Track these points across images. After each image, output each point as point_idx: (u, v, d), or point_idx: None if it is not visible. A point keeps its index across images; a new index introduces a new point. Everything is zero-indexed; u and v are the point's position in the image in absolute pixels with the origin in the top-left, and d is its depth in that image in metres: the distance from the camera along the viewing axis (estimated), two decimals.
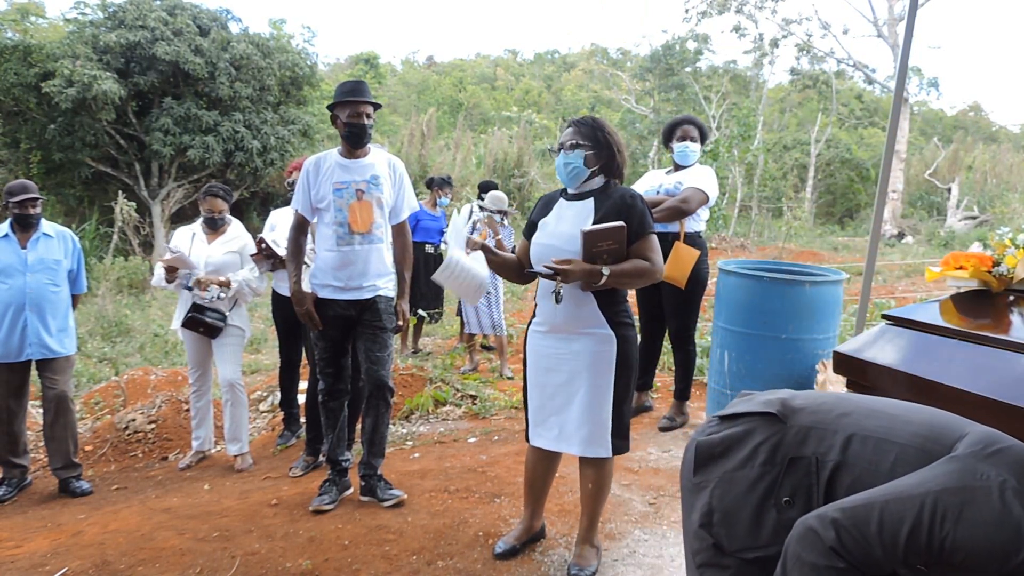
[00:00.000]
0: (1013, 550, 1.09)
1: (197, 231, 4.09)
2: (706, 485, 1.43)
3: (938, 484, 1.17)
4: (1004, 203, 18.70)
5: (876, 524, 1.17)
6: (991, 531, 1.10)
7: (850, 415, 1.40)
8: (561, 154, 2.49)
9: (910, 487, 1.20)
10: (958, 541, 1.12)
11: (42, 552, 2.84)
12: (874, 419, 1.37)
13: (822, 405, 1.45)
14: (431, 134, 19.57)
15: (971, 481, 1.16)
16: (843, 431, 1.37)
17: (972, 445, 1.23)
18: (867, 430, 1.35)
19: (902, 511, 1.16)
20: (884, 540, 1.16)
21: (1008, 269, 1.90)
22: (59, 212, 14.05)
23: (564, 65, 42.95)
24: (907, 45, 2.45)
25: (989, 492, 1.14)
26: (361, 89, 3.15)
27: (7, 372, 3.74)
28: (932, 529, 1.13)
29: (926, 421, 1.35)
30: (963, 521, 1.12)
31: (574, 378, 2.43)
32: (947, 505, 1.14)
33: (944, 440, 1.28)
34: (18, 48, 12.83)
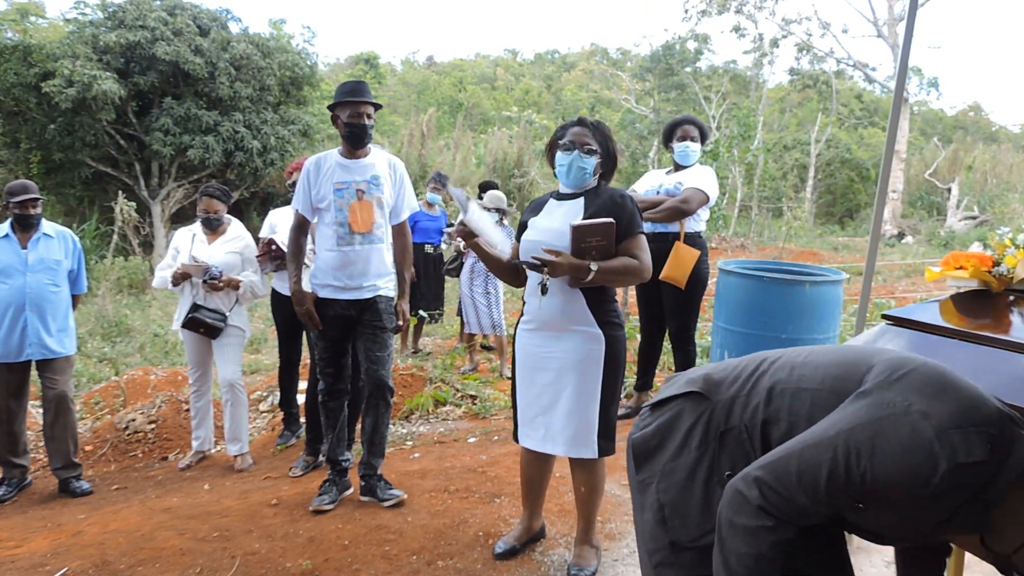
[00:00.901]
0: (930, 471, 1.08)
1: (197, 232, 4.08)
2: (650, 481, 1.42)
3: (848, 423, 1.17)
4: (1004, 203, 18.70)
5: (796, 475, 1.16)
6: (905, 458, 1.09)
7: (767, 372, 1.39)
8: (575, 154, 2.43)
9: (823, 431, 1.19)
10: (876, 474, 1.11)
11: (42, 552, 2.84)
12: (788, 370, 1.37)
13: (741, 371, 1.44)
14: (431, 134, 19.57)
15: (879, 412, 1.15)
16: (762, 390, 1.36)
17: (878, 376, 1.22)
18: (783, 383, 1.35)
19: (818, 457, 1.16)
20: (806, 489, 1.16)
21: (1008, 269, 1.90)
22: (59, 212, 14.05)
23: (564, 65, 42.96)
24: (907, 45, 2.45)
25: (897, 420, 1.13)
26: (362, 89, 3.15)
27: (7, 372, 3.74)
28: (849, 468, 1.13)
29: (835, 361, 1.34)
30: (877, 454, 1.11)
31: (561, 377, 2.42)
32: (859, 441, 1.13)
33: (853, 377, 1.27)
34: (18, 48, 12.84)
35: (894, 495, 1.12)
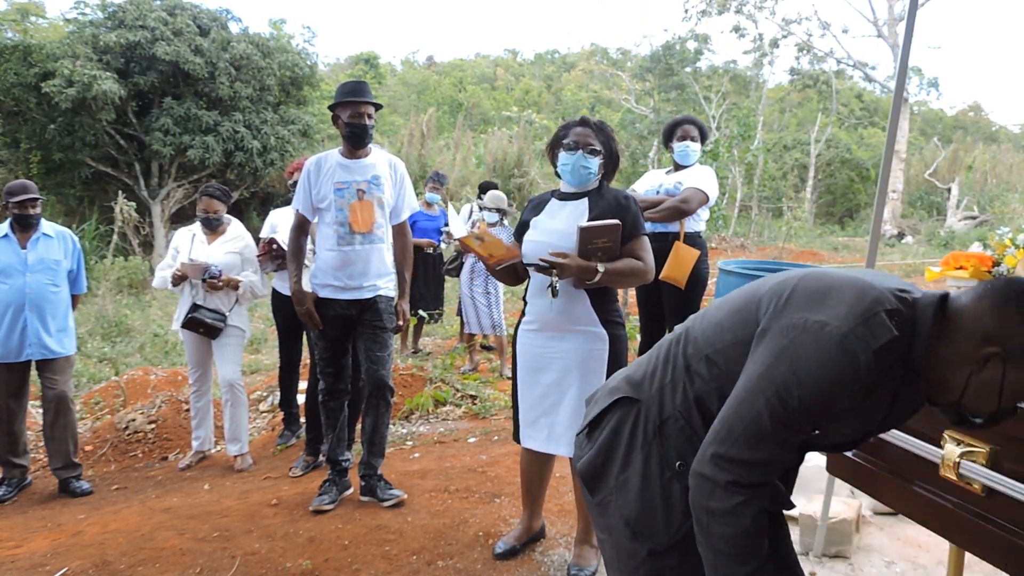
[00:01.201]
0: (854, 369, 1.11)
1: (197, 232, 4.08)
2: (608, 500, 1.39)
3: (764, 364, 1.18)
4: (1004, 203, 18.70)
5: (743, 435, 1.17)
6: (827, 369, 1.12)
7: (679, 352, 1.39)
8: (579, 155, 2.44)
9: (747, 383, 1.20)
10: (811, 397, 1.13)
11: (42, 552, 2.84)
12: (695, 341, 1.37)
13: (656, 361, 1.43)
14: (431, 134, 19.57)
15: (783, 342, 1.17)
16: (681, 370, 1.36)
17: (767, 310, 1.24)
18: (696, 354, 1.35)
19: (753, 408, 1.17)
20: (759, 443, 1.17)
21: (1008, 269, 1.90)
22: (59, 212, 14.05)
23: (564, 65, 42.96)
24: (907, 45, 2.45)
25: (802, 340, 1.15)
26: (362, 89, 3.15)
27: (7, 372, 3.74)
28: (786, 405, 1.15)
29: (730, 311, 1.34)
30: (802, 379, 1.13)
31: (565, 377, 2.43)
32: (781, 377, 1.15)
33: (750, 320, 1.27)
34: (18, 48, 12.84)
35: (838, 405, 1.15)
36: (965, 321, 1.15)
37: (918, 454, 1.63)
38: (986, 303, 1.15)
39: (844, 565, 2.63)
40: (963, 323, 1.15)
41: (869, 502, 2.94)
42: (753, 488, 1.18)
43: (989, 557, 1.49)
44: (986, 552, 1.49)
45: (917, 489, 1.65)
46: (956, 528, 1.57)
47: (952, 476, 1.52)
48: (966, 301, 1.17)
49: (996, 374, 1.12)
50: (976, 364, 1.13)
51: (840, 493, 2.82)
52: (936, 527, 1.65)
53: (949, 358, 1.16)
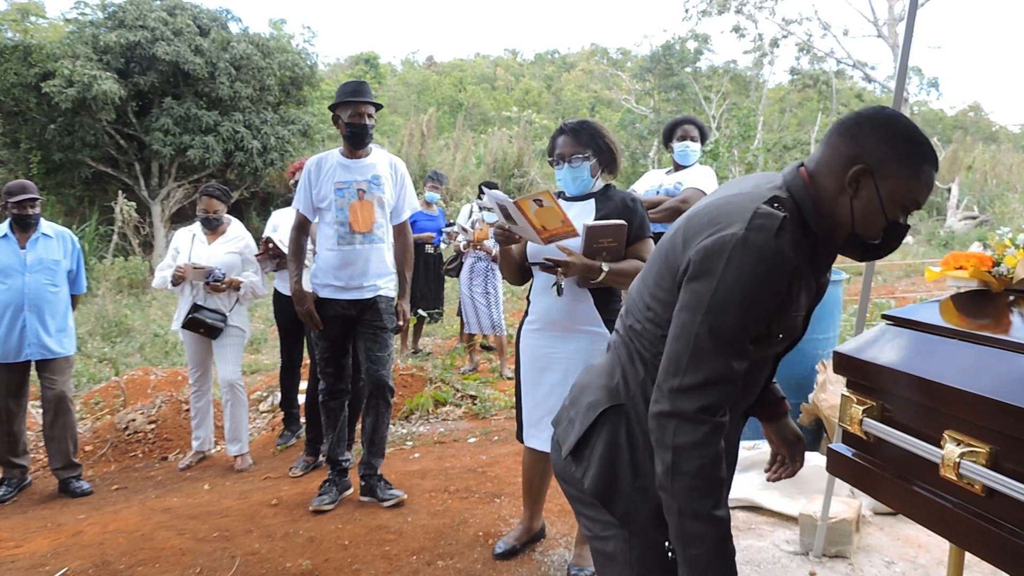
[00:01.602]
0: (764, 264, 1.17)
1: (197, 232, 4.08)
2: (634, 508, 1.35)
3: (686, 300, 1.22)
4: (1004, 203, 18.69)
5: (691, 362, 1.19)
6: (740, 273, 1.16)
7: (631, 339, 1.39)
8: (567, 168, 2.44)
9: (678, 320, 1.22)
10: (739, 306, 1.17)
11: (42, 552, 2.84)
12: (634, 319, 1.38)
13: (619, 359, 1.42)
14: (431, 134, 19.56)
15: (695, 273, 1.21)
16: (635, 354, 1.37)
17: (688, 251, 1.25)
18: (640, 332, 1.36)
19: (692, 335, 1.19)
20: (708, 360, 1.18)
21: (1008, 269, 1.89)
22: (59, 212, 14.04)
23: (564, 65, 42.95)
24: (907, 45, 2.45)
25: (709, 263, 1.19)
26: (363, 90, 3.15)
27: (6, 372, 3.74)
28: (721, 321, 1.18)
29: (658, 270, 1.34)
30: (725, 292, 1.17)
31: (568, 377, 2.42)
32: (706, 299, 1.18)
33: (674, 269, 1.28)
34: (18, 48, 12.83)
35: (770, 299, 1.19)
36: (827, 162, 1.25)
37: (918, 454, 1.62)
38: (836, 138, 1.25)
39: (844, 565, 2.63)
40: (826, 165, 1.25)
41: (869, 502, 2.94)
42: (716, 412, 1.19)
43: (989, 557, 1.48)
44: (986, 552, 1.49)
45: (917, 489, 1.65)
46: (956, 528, 1.57)
47: (952, 476, 1.52)
48: (820, 149, 1.27)
49: (870, 190, 1.20)
50: (851, 189, 1.22)
51: (840, 493, 2.82)
52: (936, 527, 1.64)
53: (828, 197, 1.24)
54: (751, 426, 3.92)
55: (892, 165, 1.20)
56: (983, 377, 1.53)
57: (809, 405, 3.62)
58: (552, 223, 2.28)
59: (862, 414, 1.79)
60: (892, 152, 1.20)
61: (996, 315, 1.85)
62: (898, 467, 1.73)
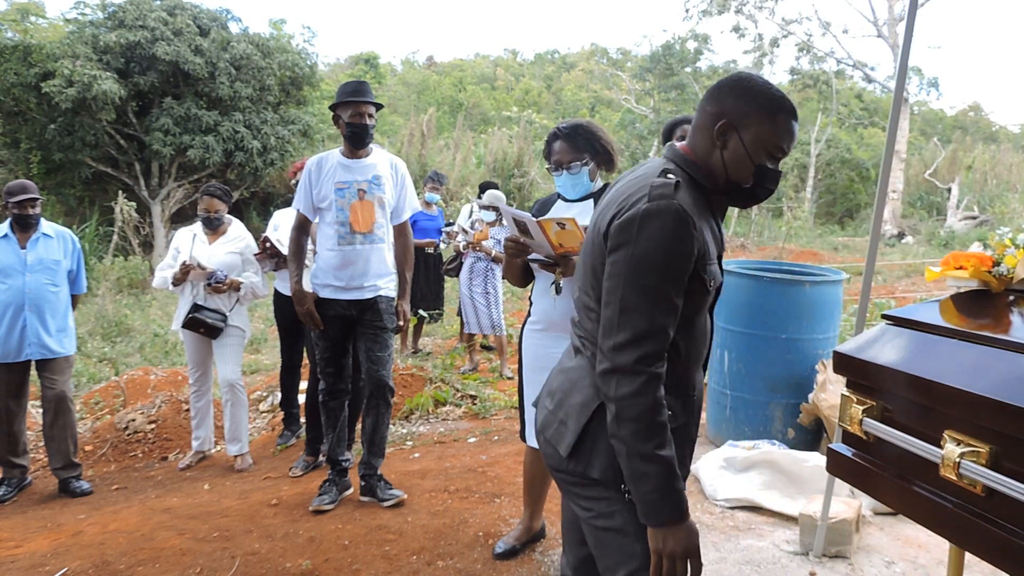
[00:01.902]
0: (673, 225, 1.31)
1: (198, 232, 4.08)
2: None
3: (610, 272, 1.36)
4: (1004, 203, 18.68)
5: (624, 321, 1.32)
6: (654, 239, 1.31)
7: (580, 333, 1.54)
8: (565, 175, 2.45)
9: (607, 288, 1.36)
10: (660, 269, 1.32)
11: (42, 552, 2.84)
12: (589, 325, 1.49)
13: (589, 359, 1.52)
14: (431, 134, 19.55)
15: (614, 246, 1.36)
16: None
17: (617, 218, 1.38)
18: (580, 323, 1.53)
19: (622, 298, 1.33)
20: (640, 317, 1.32)
21: (1008, 269, 1.89)
22: (59, 212, 14.04)
23: (564, 65, 42.93)
24: (907, 45, 2.45)
25: (625, 236, 1.34)
26: (363, 90, 3.15)
27: (7, 372, 3.74)
28: (645, 281, 1.32)
29: (585, 278, 1.49)
30: (644, 258, 1.32)
31: None
32: (629, 267, 1.33)
33: (599, 266, 1.42)
34: (18, 48, 12.83)
35: (688, 256, 1.34)
36: (699, 126, 1.44)
37: (918, 454, 1.62)
38: (703, 104, 1.45)
39: (844, 565, 2.63)
40: (698, 129, 1.44)
41: (869, 502, 2.94)
42: (652, 363, 1.32)
43: (989, 557, 1.49)
44: (986, 552, 1.49)
45: (917, 489, 1.65)
46: (956, 528, 1.57)
47: (952, 476, 1.52)
48: (693, 119, 1.47)
49: (735, 140, 1.39)
50: (720, 141, 1.41)
51: (840, 493, 2.82)
52: (936, 527, 1.64)
53: (704, 154, 1.43)
54: (751, 426, 3.93)
55: (750, 116, 1.39)
56: (983, 377, 1.53)
57: (809, 405, 3.62)
58: (569, 242, 2.29)
59: (862, 414, 1.79)
60: (748, 105, 1.39)
61: (996, 315, 1.85)
62: (898, 467, 1.73)
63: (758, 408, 3.76)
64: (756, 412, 3.76)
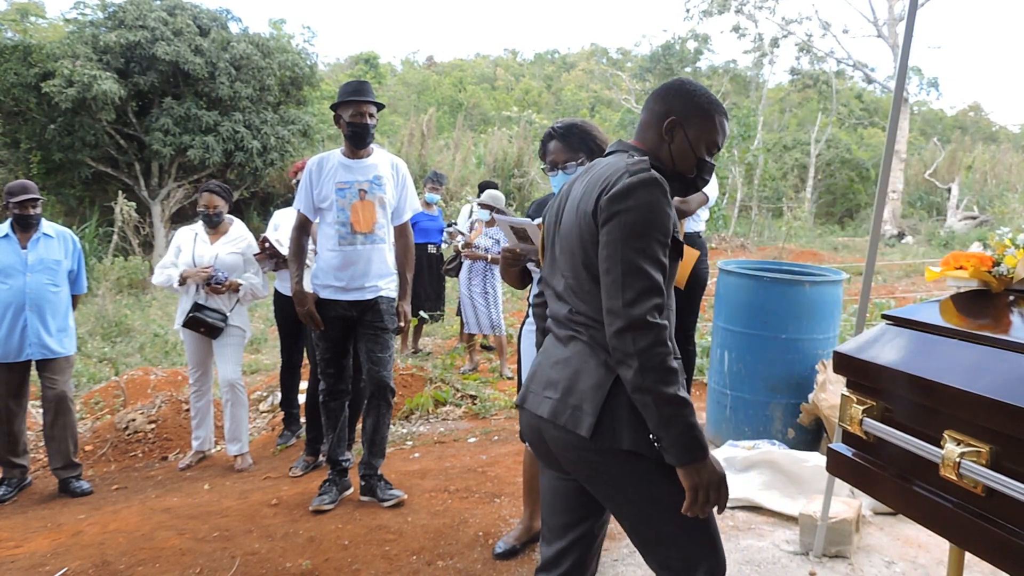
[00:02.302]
0: (658, 192, 1.46)
1: (199, 231, 4.08)
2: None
3: (605, 243, 1.47)
4: (1004, 203, 18.68)
5: (629, 282, 1.43)
6: (642, 206, 1.45)
7: (580, 319, 1.60)
8: (560, 175, 2.45)
9: (606, 257, 1.46)
10: (651, 229, 1.45)
11: (42, 552, 2.84)
12: (582, 308, 1.58)
13: (588, 348, 1.59)
14: (431, 134, 19.55)
15: (605, 219, 1.48)
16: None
17: (605, 194, 1.49)
18: (595, 311, 1.55)
19: (622, 264, 1.44)
20: (644, 275, 1.43)
21: (1008, 269, 1.89)
22: (59, 212, 14.04)
23: (564, 65, 42.94)
24: (907, 45, 2.45)
25: (616, 207, 1.46)
26: (364, 89, 3.15)
27: (7, 372, 3.74)
28: (643, 244, 1.44)
29: (575, 267, 1.58)
30: (637, 223, 1.45)
31: None
32: (622, 235, 1.45)
33: (591, 250, 1.53)
34: (18, 48, 12.83)
35: (669, 217, 1.48)
36: (647, 123, 1.62)
37: (918, 454, 1.63)
38: (651, 104, 1.62)
39: (844, 565, 2.63)
40: (647, 125, 1.62)
41: (869, 502, 2.94)
42: (659, 314, 1.43)
43: (989, 557, 1.49)
44: (986, 552, 1.49)
45: (917, 489, 1.65)
46: (956, 528, 1.57)
47: (952, 476, 1.52)
48: (640, 118, 1.64)
49: (681, 135, 1.58)
50: (668, 136, 1.59)
51: (840, 493, 2.82)
52: (936, 527, 1.64)
53: (654, 148, 1.61)
54: (751, 426, 3.93)
55: (693, 115, 1.58)
56: (983, 377, 1.53)
57: (809, 405, 3.62)
58: None
59: (862, 414, 1.79)
60: (692, 106, 1.58)
61: (996, 315, 1.85)
62: (898, 467, 1.73)
63: (758, 408, 3.76)
64: (756, 412, 3.77)
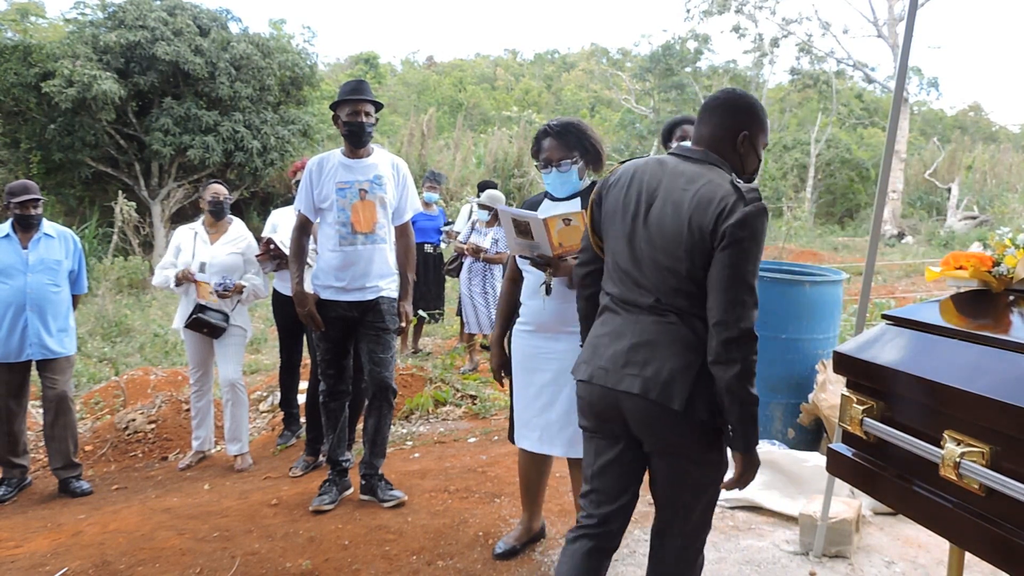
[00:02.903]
0: (766, 215, 1.70)
1: (199, 230, 4.08)
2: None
3: (725, 267, 1.68)
4: (1004, 203, 18.68)
5: (742, 300, 1.67)
6: (762, 233, 1.69)
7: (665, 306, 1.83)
8: (555, 173, 2.45)
9: (728, 273, 1.67)
10: (759, 257, 1.71)
11: (42, 552, 2.84)
12: (660, 287, 1.80)
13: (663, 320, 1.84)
14: (431, 134, 19.56)
15: (742, 235, 1.67)
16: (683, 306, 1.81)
17: (718, 228, 1.69)
18: (677, 291, 1.79)
19: (740, 290, 1.67)
20: (752, 296, 1.68)
21: (1008, 269, 1.89)
22: (59, 212, 14.04)
23: (564, 65, 42.92)
24: (907, 45, 2.45)
25: (744, 224, 1.66)
26: (362, 88, 3.15)
27: (7, 372, 3.74)
28: (754, 266, 1.70)
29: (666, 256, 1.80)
30: (756, 253, 1.70)
31: (559, 377, 2.44)
32: (746, 255, 1.67)
33: (696, 247, 1.74)
34: (18, 48, 12.83)
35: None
36: (719, 136, 1.84)
37: (918, 454, 1.63)
38: (719, 119, 1.85)
39: (844, 565, 2.63)
40: (719, 138, 1.84)
41: (869, 502, 2.94)
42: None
43: (989, 557, 1.49)
44: (986, 552, 1.49)
45: (917, 489, 1.65)
46: (956, 528, 1.57)
47: (952, 476, 1.52)
48: (706, 129, 1.86)
49: (749, 146, 1.85)
50: (742, 147, 1.84)
51: (840, 493, 2.82)
52: (936, 527, 1.65)
53: (729, 156, 1.84)
54: None
55: (759, 128, 1.86)
56: (983, 377, 1.53)
57: (809, 405, 3.62)
58: (569, 241, 2.28)
59: (862, 414, 1.80)
60: (759, 121, 1.86)
61: (996, 315, 1.85)
62: (898, 467, 1.73)
63: (758, 408, 3.76)
64: None
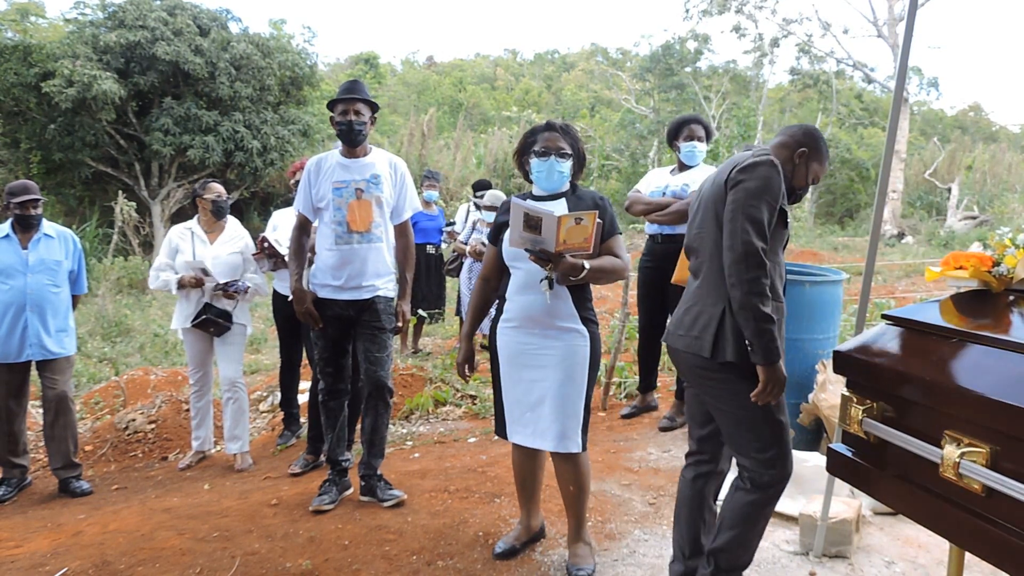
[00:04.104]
0: (777, 172, 2.01)
1: (196, 230, 4.06)
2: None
3: (731, 205, 2.02)
4: (1004, 203, 18.68)
5: (743, 226, 1.95)
6: (761, 177, 1.99)
7: (708, 270, 2.18)
8: (552, 160, 2.48)
9: (731, 208, 2.01)
10: (766, 194, 1.98)
11: (42, 552, 2.84)
12: (709, 251, 2.13)
13: (707, 286, 2.17)
14: (431, 134, 19.57)
15: (742, 178, 2.02)
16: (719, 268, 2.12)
17: (735, 169, 2.04)
18: (712, 251, 2.13)
19: (742, 219, 1.98)
20: (754, 225, 1.96)
21: (1008, 269, 1.89)
22: (59, 212, 14.05)
23: (564, 65, 42.93)
24: (907, 45, 2.45)
25: (743, 176, 2.01)
26: (354, 88, 3.15)
27: (7, 372, 3.74)
28: (758, 207, 1.97)
29: (710, 227, 2.13)
30: (756, 191, 1.99)
31: (549, 373, 2.44)
32: (744, 199, 1.98)
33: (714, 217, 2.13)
34: (18, 48, 12.84)
35: (776, 201, 2.01)
36: (783, 145, 2.17)
37: (918, 454, 1.63)
38: (792, 133, 2.19)
39: (844, 565, 2.63)
40: (783, 146, 2.17)
41: (869, 502, 2.94)
42: (763, 254, 1.94)
43: (989, 557, 1.49)
44: (986, 552, 1.49)
45: (917, 489, 1.65)
46: (956, 528, 1.57)
47: (952, 476, 1.52)
48: (777, 141, 2.19)
49: (803, 163, 2.17)
50: (798, 160, 2.16)
51: (840, 493, 2.82)
52: (936, 527, 1.65)
53: (784, 160, 2.12)
54: None
55: (817, 155, 2.17)
56: (983, 377, 1.53)
57: (809, 405, 3.62)
58: (574, 239, 2.30)
59: (862, 414, 1.79)
60: (820, 150, 2.18)
61: (996, 315, 1.85)
62: (898, 467, 1.73)
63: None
64: None
